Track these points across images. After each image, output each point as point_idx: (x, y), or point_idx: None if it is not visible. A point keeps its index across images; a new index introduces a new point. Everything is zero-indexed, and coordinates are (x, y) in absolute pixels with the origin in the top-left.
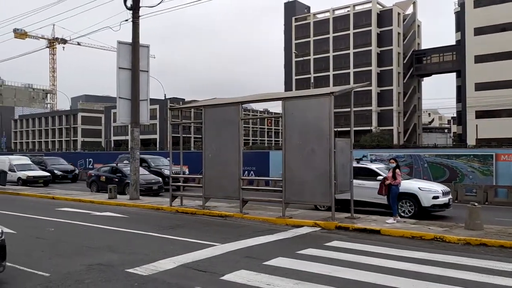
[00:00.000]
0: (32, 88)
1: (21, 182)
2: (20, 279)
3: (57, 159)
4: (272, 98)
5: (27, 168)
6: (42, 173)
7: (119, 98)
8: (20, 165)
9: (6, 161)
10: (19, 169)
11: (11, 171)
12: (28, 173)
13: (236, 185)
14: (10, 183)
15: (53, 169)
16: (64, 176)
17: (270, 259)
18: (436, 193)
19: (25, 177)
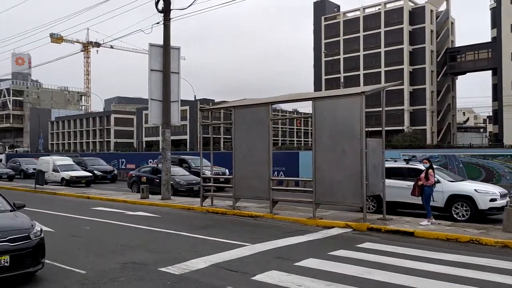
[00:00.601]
0: (67, 90)
1: (64, 182)
2: (59, 275)
3: (97, 159)
4: (302, 98)
5: (70, 169)
6: (85, 174)
7: (150, 99)
8: (63, 166)
9: (50, 161)
10: (62, 170)
11: (55, 172)
12: (71, 173)
13: (266, 185)
14: (53, 183)
15: (93, 169)
16: (104, 176)
17: (301, 260)
18: (494, 195)
19: (68, 177)
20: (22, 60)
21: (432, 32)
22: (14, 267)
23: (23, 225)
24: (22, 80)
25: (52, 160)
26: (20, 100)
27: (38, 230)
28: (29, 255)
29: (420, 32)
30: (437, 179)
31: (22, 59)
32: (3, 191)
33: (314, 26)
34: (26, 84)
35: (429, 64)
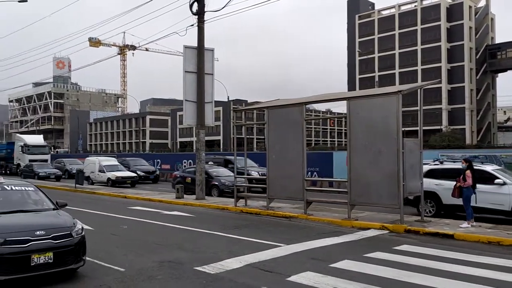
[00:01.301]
0: (105, 93)
1: (110, 183)
2: (99, 272)
3: (139, 160)
4: (336, 98)
5: (115, 169)
6: (130, 174)
7: (185, 100)
8: (109, 166)
9: (96, 162)
10: (108, 170)
11: (101, 172)
12: (117, 173)
13: (300, 186)
14: (99, 184)
15: (135, 169)
16: (146, 176)
17: (337, 262)
18: None
19: (114, 177)
20: (62, 64)
21: (471, 29)
22: (57, 263)
23: (65, 223)
24: (62, 83)
25: (98, 161)
26: (60, 102)
27: (79, 228)
28: (71, 253)
29: (458, 29)
30: (503, 181)
31: (62, 63)
32: (45, 190)
33: (348, 25)
34: (66, 87)
35: (468, 62)
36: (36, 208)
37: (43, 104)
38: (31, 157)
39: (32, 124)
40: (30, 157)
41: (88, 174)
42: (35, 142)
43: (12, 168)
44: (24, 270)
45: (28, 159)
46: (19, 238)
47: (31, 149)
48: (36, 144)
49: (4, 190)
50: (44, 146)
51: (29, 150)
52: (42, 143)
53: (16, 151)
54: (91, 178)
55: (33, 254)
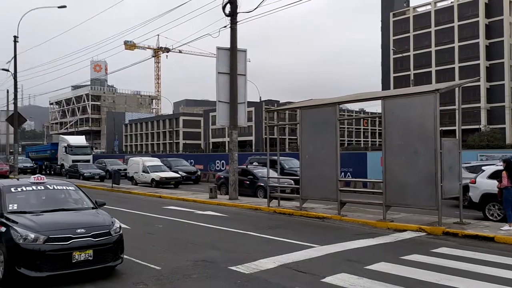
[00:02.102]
0: (139, 94)
1: (154, 184)
2: (136, 270)
3: (180, 160)
4: (371, 97)
5: (159, 170)
6: (174, 175)
7: (218, 101)
8: (153, 167)
9: (140, 162)
10: (152, 171)
11: (145, 173)
12: (161, 174)
13: (333, 186)
14: (143, 184)
15: (177, 170)
16: (188, 177)
17: (372, 264)
18: None
19: (158, 178)
20: (99, 67)
21: (511, 25)
22: (97, 261)
23: (104, 222)
24: (99, 86)
25: (142, 161)
26: (97, 104)
27: (117, 227)
28: (110, 250)
29: (497, 25)
30: None
31: (99, 66)
32: (84, 189)
33: (382, 23)
34: (103, 90)
35: (508, 59)
36: (76, 206)
37: (81, 106)
38: (74, 157)
39: (71, 126)
40: (73, 158)
41: (131, 174)
42: (78, 143)
43: (56, 168)
44: (66, 267)
45: (71, 160)
46: (61, 236)
47: (74, 150)
48: (79, 145)
49: (46, 189)
50: (87, 147)
51: (72, 151)
52: (85, 144)
53: (59, 152)
54: (134, 178)
55: (74, 251)
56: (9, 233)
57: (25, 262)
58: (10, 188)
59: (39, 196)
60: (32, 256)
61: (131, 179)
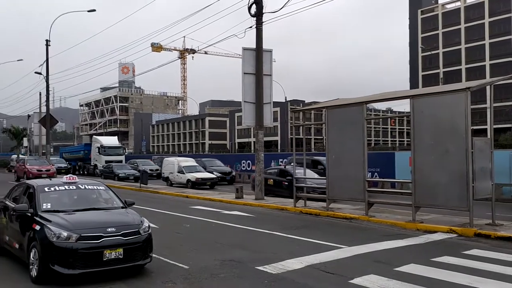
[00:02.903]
0: (166, 96)
1: (190, 184)
2: (164, 269)
3: (214, 160)
4: (399, 96)
5: (194, 170)
6: (209, 175)
7: (244, 102)
8: (188, 167)
9: (175, 162)
10: (187, 171)
11: (180, 173)
12: (197, 175)
13: (361, 187)
14: (179, 185)
15: (211, 170)
16: (223, 178)
17: (402, 265)
18: None
19: (194, 179)
20: (127, 69)
21: None
22: (127, 259)
23: (133, 221)
24: (127, 88)
25: (177, 161)
26: (125, 106)
27: (146, 226)
28: (139, 249)
29: None
30: None
31: (127, 68)
32: (113, 189)
33: (410, 20)
34: (130, 91)
35: None
36: (106, 206)
37: (109, 107)
38: (107, 158)
39: (100, 127)
40: (106, 158)
41: (166, 175)
42: (111, 144)
43: (89, 168)
44: (97, 265)
45: (104, 160)
46: (93, 235)
47: (107, 150)
48: (112, 145)
49: (78, 188)
50: (119, 148)
51: (105, 151)
52: (117, 145)
53: (93, 152)
54: (170, 179)
55: (105, 250)
56: (43, 231)
57: (58, 260)
58: (44, 188)
59: (71, 196)
60: (65, 254)
61: (166, 180)
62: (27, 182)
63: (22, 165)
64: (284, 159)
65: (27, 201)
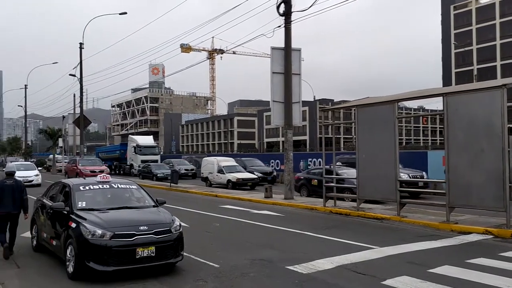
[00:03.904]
0: (195, 96)
1: (231, 185)
2: (195, 267)
3: (254, 160)
4: (431, 94)
5: (234, 170)
6: (250, 176)
7: (273, 101)
8: (228, 167)
9: (215, 162)
10: (227, 171)
11: (220, 173)
12: (237, 175)
13: (392, 186)
14: (218, 186)
15: (252, 170)
16: (264, 178)
17: (436, 267)
18: None
19: (235, 179)
20: (157, 70)
21: None
22: (158, 257)
23: (165, 220)
24: (157, 88)
25: (217, 161)
26: (155, 106)
27: (177, 225)
28: (171, 247)
29: None
30: None
31: (157, 69)
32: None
33: (442, 16)
34: (160, 92)
35: None
36: (138, 205)
37: (140, 108)
38: (143, 157)
39: (131, 127)
40: (142, 158)
41: (206, 175)
42: (147, 143)
43: (125, 168)
44: (130, 262)
45: (140, 160)
46: (126, 233)
47: (143, 150)
48: (148, 145)
49: (111, 188)
50: (155, 147)
51: (141, 151)
52: (153, 144)
53: (129, 152)
54: (209, 179)
55: (138, 248)
56: (79, 229)
57: (93, 257)
58: (79, 187)
59: (105, 194)
60: (99, 251)
61: (205, 180)
62: (63, 181)
63: (74, 166)
64: (314, 158)
65: (63, 200)
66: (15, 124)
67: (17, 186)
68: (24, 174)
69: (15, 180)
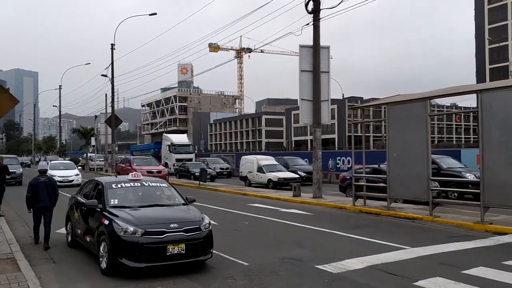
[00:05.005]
0: (223, 95)
1: (271, 185)
2: (224, 265)
3: (296, 158)
4: (465, 91)
5: (274, 169)
6: (292, 175)
7: (301, 99)
8: (268, 166)
9: (254, 161)
10: (267, 170)
11: (260, 172)
12: (279, 174)
13: (424, 186)
14: (258, 185)
15: (296, 169)
16: (308, 177)
17: (470, 268)
18: None
19: (276, 179)
20: (186, 69)
21: None
22: (188, 254)
23: (195, 218)
24: (186, 88)
25: (256, 160)
26: (184, 105)
27: (207, 223)
28: (200, 245)
29: None
30: None
31: (186, 68)
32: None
33: (476, 11)
34: (189, 91)
35: None
36: (169, 202)
37: (169, 107)
38: (178, 156)
39: (161, 126)
40: (177, 156)
41: (245, 174)
42: (181, 141)
43: None
44: (161, 259)
45: (174, 158)
46: (157, 230)
47: (178, 148)
48: (182, 143)
49: (142, 186)
50: (189, 145)
51: (176, 149)
52: (187, 142)
53: (163, 150)
54: (248, 178)
55: (169, 245)
56: (112, 225)
57: (125, 253)
58: (111, 185)
59: (136, 192)
60: (131, 248)
61: (243, 179)
62: (96, 179)
63: (128, 166)
64: (342, 157)
65: (96, 197)
66: (50, 124)
67: (50, 182)
68: (64, 173)
69: (48, 177)
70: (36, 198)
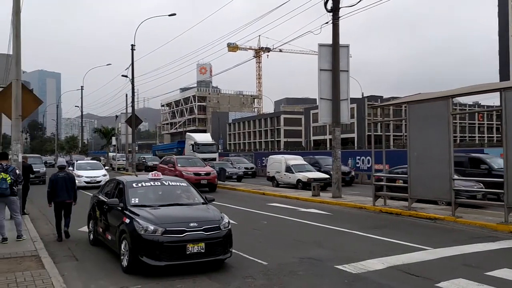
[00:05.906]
0: (242, 94)
1: (301, 185)
2: (244, 264)
3: (327, 158)
4: (488, 89)
5: (303, 169)
6: (322, 175)
7: (320, 99)
8: (297, 166)
9: (282, 160)
10: (296, 170)
11: (288, 172)
12: (308, 174)
13: (446, 186)
14: (286, 186)
15: (328, 170)
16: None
17: (493, 270)
18: None
19: (305, 179)
20: (204, 69)
21: None
22: (208, 253)
23: (214, 217)
24: (205, 87)
25: (285, 159)
26: (203, 105)
27: (226, 222)
28: (220, 244)
29: None
30: None
31: (204, 68)
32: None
33: (499, 7)
34: (208, 91)
35: None
36: (188, 202)
37: (188, 107)
38: (201, 155)
39: (180, 126)
40: (200, 156)
41: (272, 174)
42: (204, 141)
43: None
44: (181, 258)
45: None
46: (177, 229)
47: (201, 148)
48: (205, 142)
49: (162, 185)
50: (212, 145)
51: (199, 149)
52: (211, 142)
53: (186, 150)
54: (276, 179)
55: (188, 244)
56: (133, 224)
57: (146, 252)
58: (132, 184)
59: (156, 191)
60: (152, 246)
61: (271, 180)
62: (117, 179)
63: (171, 167)
64: (362, 156)
65: (118, 196)
66: (72, 124)
67: (69, 178)
68: (91, 174)
69: (67, 172)
70: (55, 193)
